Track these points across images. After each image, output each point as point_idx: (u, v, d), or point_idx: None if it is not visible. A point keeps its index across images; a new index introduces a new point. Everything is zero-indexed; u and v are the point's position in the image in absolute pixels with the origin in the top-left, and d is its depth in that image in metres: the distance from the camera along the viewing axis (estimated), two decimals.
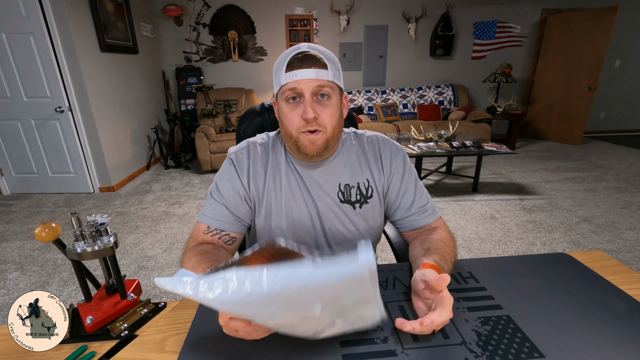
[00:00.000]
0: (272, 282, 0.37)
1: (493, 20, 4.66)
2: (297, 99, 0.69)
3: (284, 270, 0.38)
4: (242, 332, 0.49)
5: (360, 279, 0.38)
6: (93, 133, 3.10)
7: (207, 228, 0.75)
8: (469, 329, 0.56)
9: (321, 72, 0.67)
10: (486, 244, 2.19)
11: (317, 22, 4.45)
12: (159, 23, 4.30)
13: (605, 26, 4.15)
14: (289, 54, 0.69)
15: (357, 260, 0.37)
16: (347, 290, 0.40)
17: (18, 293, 1.81)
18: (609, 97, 5.13)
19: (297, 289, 0.38)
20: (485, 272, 0.72)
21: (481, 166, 3.07)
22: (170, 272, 1.96)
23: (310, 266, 0.37)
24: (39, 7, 2.64)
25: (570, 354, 0.50)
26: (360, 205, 0.80)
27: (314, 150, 0.70)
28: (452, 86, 4.71)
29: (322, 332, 0.50)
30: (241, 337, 0.50)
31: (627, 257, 2.01)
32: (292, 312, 0.41)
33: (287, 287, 0.37)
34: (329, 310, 0.43)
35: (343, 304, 0.43)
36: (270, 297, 0.38)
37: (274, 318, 0.42)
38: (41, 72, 2.83)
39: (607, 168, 3.70)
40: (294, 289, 0.37)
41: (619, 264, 0.75)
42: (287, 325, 0.43)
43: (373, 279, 0.40)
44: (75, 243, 0.65)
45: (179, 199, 3.07)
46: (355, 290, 0.41)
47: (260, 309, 0.40)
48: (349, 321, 0.49)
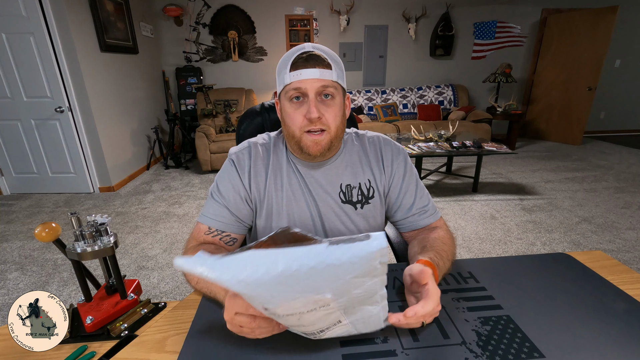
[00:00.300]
0: (287, 262, 0.38)
1: (493, 20, 4.66)
2: (300, 99, 0.69)
3: (300, 250, 0.39)
4: (247, 327, 0.49)
5: (372, 257, 0.40)
6: (93, 133, 3.11)
7: (208, 229, 0.75)
8: (469, 329, 0.56)
9: (325, 72, 0.67)
10: (486, 244, 2.19)
11: (317, 22, 4.45)
12: (159, 23, 4.30)
13: (605, 26, 4.15)
14: (293, 53, 0.69)
15: (370, 240, 0.39)
16: (358, 276, 0.42)
17: (18, 293, 1.81)
18: (609, 97, 5.13)
19: (311, 268, 0.39)
20: (485, 272, 0.72)
21: (481, 166, 3.07)
22: (170, 272, 1.96)
23: (325, 246, 0.39)
24: (39, 7, 2.64)
25: (570, 354, 0.50)
26: (362, 206, 0.80)
27: (318, 150, 0.70)
28: (452, 86, 4.71)
29: (326, 330, 0.50)
30: (245, 333, 0.50)
31: (627, 257, 2.01)
32: (304, 297, 0.42)
33: (302, 266, 0.38)
34: (339, 300, 0.44)
35: (352, 296, 0.44)
36: (285, 276, 0.39)
37: (285, 302, 0.42)
38: (41, 72, 2.83)
39: (607, 168, 3.70)
40: (309, 268, 0.39)
41: (619, 264, 0.75)
42: (296, 312, 0.44)
43: (383, 266, 0.42)
44: (75, 243, 0.65)
45: (179, 199, 3.07)
46: (365, 276, 0.42)
47: (274, 290, 0.41)
48: (353, 318, 0.49)
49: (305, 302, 0.43)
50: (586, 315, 0.58)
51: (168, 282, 1.87)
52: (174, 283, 1.86)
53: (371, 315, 0.50)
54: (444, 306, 0.61)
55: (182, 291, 1.80)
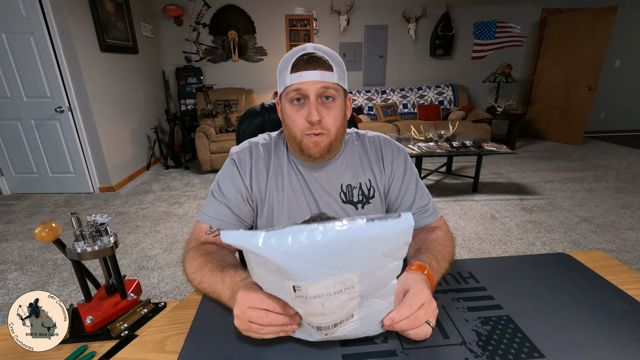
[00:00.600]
0: (329, 233, 0.41)
1: (493, 20, 4.66)
2: (301, 101, 0.69)
3: (341, 223, 0.41)
4: (257, 323, 0.49)
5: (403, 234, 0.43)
6: (93, 133, 3.11)
7: (209, 228, 0.75)
8: (469, 329, 0.56)
9: (327, 74, 0.67)
10: (486, 244, 2.19)
11: (317, 22, 4.45)
12: (159, 23, 4.30)
13: (605, 26, 4.15)
14: (294, 54, 0.68)
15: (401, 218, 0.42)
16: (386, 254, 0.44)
17: (18, 293, 1.81)
18: (609, 97, 5.13)
19: (351, 241, 0.41)
20: (485, 272, 0.72)
21: (481, 166, 3.07)
22: (170, 272, 1.96)
23: (364, 222, 0.41)
24: (39, 7, 2.64)
25: (570, 354, 0.50)
26: (363, 206, 0.80)
27: (318, 151, 0.71)
28: (452, 86, 4.71)
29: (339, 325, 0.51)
30: (253, 330, 0.50)
31: (627, 257, 2.01)
32: (335, 275, 0.44)
33: (343, 238, 0.41)
34: (363, 281, 0.46)
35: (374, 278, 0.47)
36: (326, 247, 0.41)
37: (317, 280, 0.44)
38: (41, 72, 2.83)
39: (607, 168, 3.70)
40: (349, 241, 0.41)
41: (619, 264, 0.75)
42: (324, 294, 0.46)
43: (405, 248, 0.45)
44: (75, 243, 0.65)
45: (179, 199, 3.07)
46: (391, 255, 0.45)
47: (313, 263, 0.42)
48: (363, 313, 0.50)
49: (335, 281, 0.44)
50: (586, 315, 0.58)
51: (168, 282, 1.87)
52: (174, 283, 1.86)
53: (379, 311, 0.51)
54: (443, 306, 0.62)
55: (182, 291, 1.80)
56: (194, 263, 0.66)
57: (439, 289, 0.67)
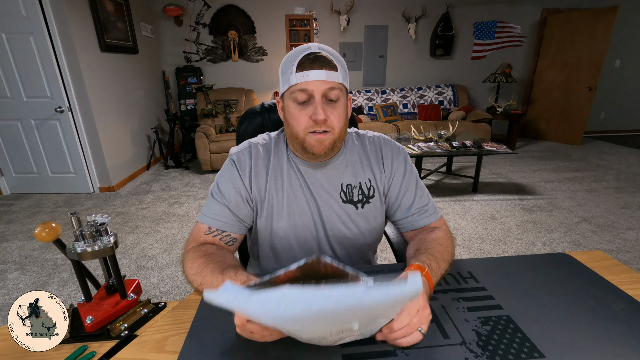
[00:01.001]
0: (324, 302, 0.37)
1: (493, 20, 4.66)
2: (306, 100, 0.68)
3: (338, 290, 0.38)
4: (257, 334, 0.50)
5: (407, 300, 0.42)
6: (93, 133, 3.10)
7: (209, 228, 0.75)
8: (469, 329, 0.56)
9: (332, 73, 0.67)
10: (486, 244, 2.19)
11: (317, 22, 4.45)
12: (159, 23, 4.30)
13: (605, 26, 4.15)
14: (299, 53, 0.68)
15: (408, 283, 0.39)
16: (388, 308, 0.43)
17: (18, 293, 1.81)
18: (609, 97, 5.13)
19: (348, 308, 0.39)
20: (485, 272, 0.72)
21: (481, 166, 3.07)
22: (170, 272, 1.96)
23: (364, 289, 0.39)
24: (39, 7, 2.64)
25: (570, 354, 0.50)
26: (362, 205, 0.80)
27: (321, 150, 0.70)
28: (452, 86, 4.71)
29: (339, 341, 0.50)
30: (255, 339, 0.51)
31: (627, 257, 2.01)
32: (332, 328, 0.43)
33: (339, 306, 0.38)
34: (364, 327, 0.45)
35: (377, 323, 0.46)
36: (321, 316, 0.39)
37: (311, 332, 0.43)
38: (41, 72, 2.83)
39: (607, 168, 3.70)
40: (346, 308, 0.38)
41: (619, 264, 0.75)
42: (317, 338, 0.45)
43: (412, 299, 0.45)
44: (75, 243, 0.65)
45: (179, 199, 3.07)
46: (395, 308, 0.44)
47: (307, 326, 0.41)
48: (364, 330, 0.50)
49: (332, 331, 0.43)
50: (586, 315, 0.58)
51: (168, 282, 1.87)
52: (174, 283, 1.86)
53: (379, 325, 0.51)
54: (443, 306, 0.62)
55: (182, 291, 1.80)
56: (194, 264, 0.66)
57: (439, 289, 0.67)
